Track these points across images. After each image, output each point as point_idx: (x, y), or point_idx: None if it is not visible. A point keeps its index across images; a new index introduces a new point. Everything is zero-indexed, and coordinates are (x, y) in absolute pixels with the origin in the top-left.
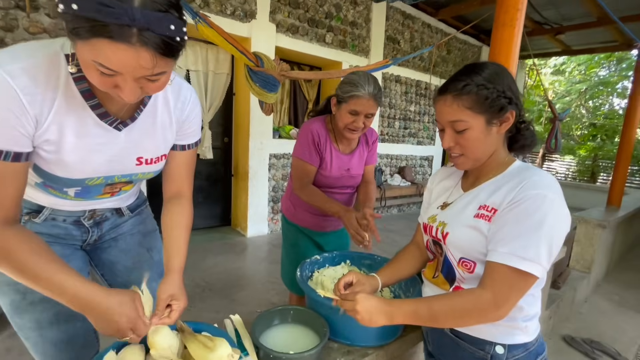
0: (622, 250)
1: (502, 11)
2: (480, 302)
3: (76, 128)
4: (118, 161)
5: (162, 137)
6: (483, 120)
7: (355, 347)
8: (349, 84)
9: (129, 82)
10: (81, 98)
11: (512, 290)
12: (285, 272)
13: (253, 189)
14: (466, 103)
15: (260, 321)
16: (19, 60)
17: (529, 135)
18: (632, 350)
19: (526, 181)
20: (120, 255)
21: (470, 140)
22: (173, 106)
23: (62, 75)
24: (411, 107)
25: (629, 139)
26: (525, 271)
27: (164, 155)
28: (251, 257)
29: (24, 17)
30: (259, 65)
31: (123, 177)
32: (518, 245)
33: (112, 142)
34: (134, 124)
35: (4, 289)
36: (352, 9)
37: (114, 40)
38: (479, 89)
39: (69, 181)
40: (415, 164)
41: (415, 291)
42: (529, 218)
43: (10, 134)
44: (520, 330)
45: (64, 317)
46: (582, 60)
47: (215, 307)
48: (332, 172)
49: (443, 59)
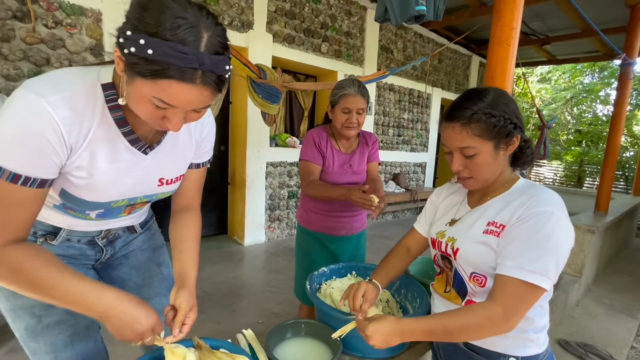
0: (610, 254)
1: (498, 30)
2: (492, 316)
3: (108, 154)
4: (142, 183)
5: (182, 157)
6: (491, 146)
7: (367, 359)
8: (338, 88)
9: (179, 115)
10: (115, 126)
11: (521, 302)
12: (298, 283)
13: (250, 197)
14: (475, 131)
15: (273, 335)
16: (60, 91)
17: (529, 153)
18: (623, 353)
19: (533, 199)
20: (131, 272)
21: (480, 165)
22: (193, 127)
23: (98, 104)
24: (405, 115)
25: (614, 146)
26: (534, 284)
27: (182, 175)
28: (249, 266)
29: (21, 27)
30: (262, 77)
31: (145, 198)
32: (527, 259)
33: (139, 165)
34: (158, 147)
35: (19, 313)
36: (346, 20)
37: (180, 81)
38: (487, 117)
39: (96, 204)
40: (409, 170)
41: (422, 302)
42: (537, 233)
43: (44, 163)
44: (531, 342)
45: (79, 339)
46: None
47: (215, 317)
48: (335, 168)
49: (435, 67)
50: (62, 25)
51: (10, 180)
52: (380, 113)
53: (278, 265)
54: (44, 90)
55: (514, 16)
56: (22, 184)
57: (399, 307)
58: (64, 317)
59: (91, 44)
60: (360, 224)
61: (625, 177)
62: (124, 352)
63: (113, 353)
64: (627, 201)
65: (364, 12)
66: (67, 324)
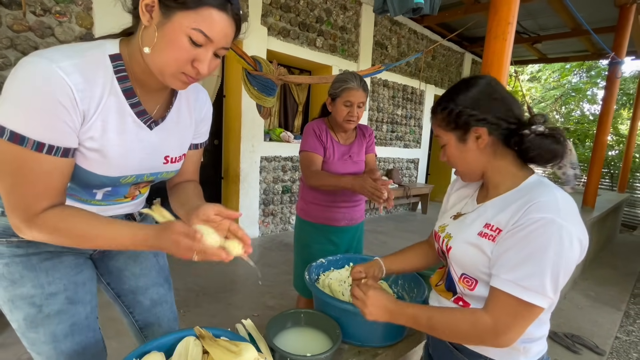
0: (596, 249)
1: (494, 24)
2: (479, 326)
3: (117, 125)
4: (150, 159)
5: (184, 136)
6: (454, 137)
7: (366, 347)
8: (340, 81)
9: (209, 53)
10: (123, 97)
11: (515, 319)
12: (296, 274)
13: (244, 192)
14: (438, 121)
15: (273, 324)
16: (70, 58)
17: (534, 146)
18: (608, 343)
19: (532, 203)
20: (129, 261)
21: (449, 156)
22: (193, 106)
23: (108, 74)
24: (398, 111)
25: (601, 143)
26: (529, 302)
27: (184, 155)
28: (243, 261)
29: (8, 14)
30: (257, 69)
31: (151, 176)
32: (522, 274)
33: (146, 140)
34: (163, 124)
35: (18, 303)
36: (341, 14)
37: (219, 9)
38: (441, 108)
39: (106, 180)
40: (402, 166)
41: (419, 292)
42: (533, 244)
43: (61, 129)
44: (517, 352)
45: (79, 329)
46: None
47: (210, 311)
48: (336, 158)
49: (428, 64)
50: (51, 13)
51: (35, 149)
52: (374, 109)
53: (272, 260)
54: (54, 57)
55: (511, 10)
56: (47, 153)
57: (396, 297)
58: (65, 307)
59: (81, 32)
60: (359, 214)
61: (611, 175)
62: (118, 347)
63: (107, 346)
64: (612, 197)
65: (359, 7)
66: (68, 314)
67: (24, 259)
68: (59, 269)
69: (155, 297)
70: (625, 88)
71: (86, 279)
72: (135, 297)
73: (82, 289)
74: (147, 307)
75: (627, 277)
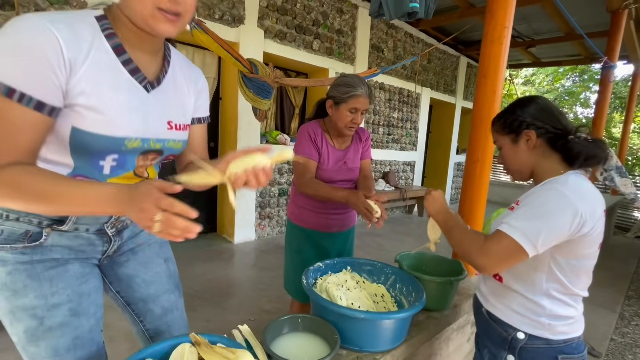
0: None
1: (491, 28)
2: (473, 243)
3: (111, 81)
4: (152, 121)
5: (184, 103)
6: (509, 139)
7: (364, 352)
8: (346, 86)
9: None
10: (114, 54)
11: (499, 250)
12: (290, 280)
13: (240, 194)
14: (497, 128)
15: (270, 330)
16: (59, 16)
17: (577, 147)
18: (604, 345)
19: (553, 181)
20: (139, 268)
21: (503, 156)
22: (188, 76)
23: (95, 32)
24: (394, 114)
25: None
26: (521, 246)
27: (188, 125)
28: (239, 264)
29: (0, 15)
30: (253, 72)
31: (157, 142)
32: (525, 225)
33: (144, 101)
34: (160, 87)
35: (19, 314)
36: (338, 17)
37: None
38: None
39: (109, 142)
40: (398, 169)
41: (417, 296)
42: (533, 202)
43: (39, 79)
44: (541, 326)
45: (82, 342)
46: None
47: (205, 315)
48: (330, 165)
49: (424, 67)
50: None
51: (6, 94)
52: (370, 112)
53: (269, 263)
54: (43, 15)
55: (507, 15)
56: (19, 101)
57: (394, 301)
58: (68, 319)
59: None
60: (351, 220)
61: None
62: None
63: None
64: (606, 200)
65: (355, 10)
66: (71, 327)
67: (28, 267)
68: (64, 279)
69: (166, 305)
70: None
71: (92, 289)
72: (145, 305)
73: (86, 300)
74: (158, 315)
75: (621, 279)
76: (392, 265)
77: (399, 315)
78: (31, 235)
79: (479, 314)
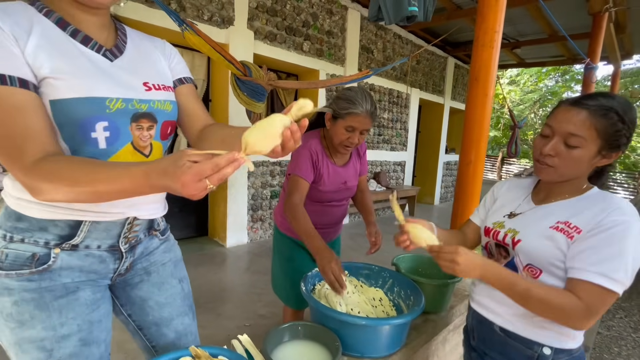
0: None
1: (482, 33)
2: (574, 308)
3: (69, 52)
4: (126, 83)
5: (157, 65)
6: (597, 146)
7: (365, 358)
8: (346, 101)
9: None
10: (58, 28)
11: (604, 305)
12: (280, 286)
13: (232, 197)
14: (598, 125)
15: (270, 338)
16: None
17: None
18: (591, 339)
19: (613, 208)
20: (153, 289)
21: (573, 158)
22: (152, 45)
23: (32, 12)
24: (385, 115)
25: None
26: (614, 290)
27: (170, 87)
28: (233, 268)
29: None
30: (247, 74)
31: (142, 103)
32: (609, 268)
33: (110, 67)
34: (123, 55)
35: (26, 346)
36: (328, 19)
37: None
38: (618, 119)
39: (90, 102)
40: (389, 169)
41: (416, 300)
42: (619, 243)
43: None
44: (567, 337)
45: None
46: (533, 72)
47: (200, 322)
48: (328, 186)
49: (413, 68)
50: None
51: None
52: None
53: (262, 267)
54: None
55: (497, 19)
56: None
57: (392, 305)
58: (78, 349)
59: None
60: (337, 233)
61: None
62: None
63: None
64: None
65: (345, 11)
66: (82, 356)
67: (35, 296)
68: (74, 308)
69: (180, 329)
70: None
71: (102, 315)
72: (159, 330)
73: (97, 327)
74: (171, 340)
75: None
76: (389, 269)
77: (399, 320)
78: (38, 259)
79: (489, 332)
